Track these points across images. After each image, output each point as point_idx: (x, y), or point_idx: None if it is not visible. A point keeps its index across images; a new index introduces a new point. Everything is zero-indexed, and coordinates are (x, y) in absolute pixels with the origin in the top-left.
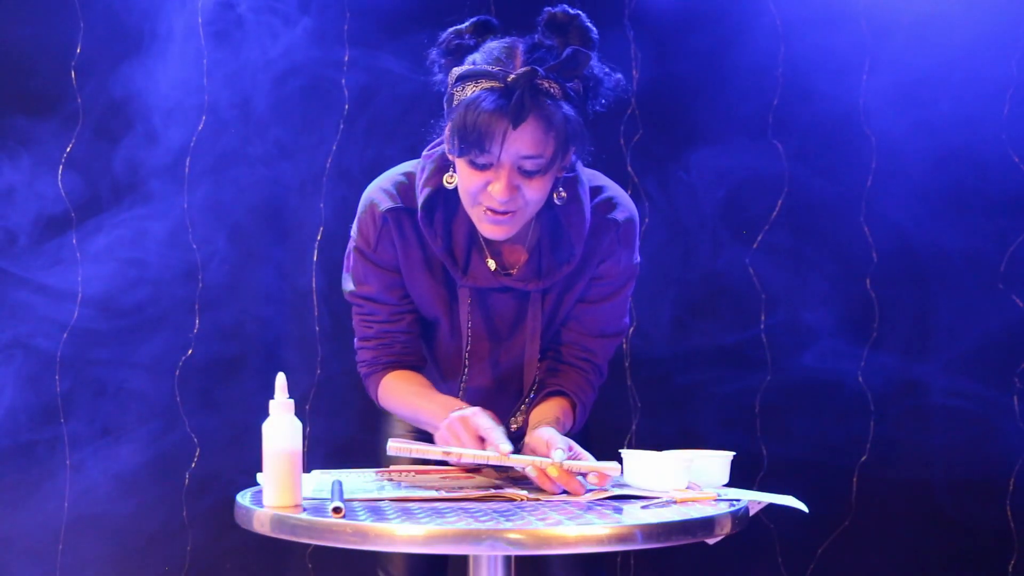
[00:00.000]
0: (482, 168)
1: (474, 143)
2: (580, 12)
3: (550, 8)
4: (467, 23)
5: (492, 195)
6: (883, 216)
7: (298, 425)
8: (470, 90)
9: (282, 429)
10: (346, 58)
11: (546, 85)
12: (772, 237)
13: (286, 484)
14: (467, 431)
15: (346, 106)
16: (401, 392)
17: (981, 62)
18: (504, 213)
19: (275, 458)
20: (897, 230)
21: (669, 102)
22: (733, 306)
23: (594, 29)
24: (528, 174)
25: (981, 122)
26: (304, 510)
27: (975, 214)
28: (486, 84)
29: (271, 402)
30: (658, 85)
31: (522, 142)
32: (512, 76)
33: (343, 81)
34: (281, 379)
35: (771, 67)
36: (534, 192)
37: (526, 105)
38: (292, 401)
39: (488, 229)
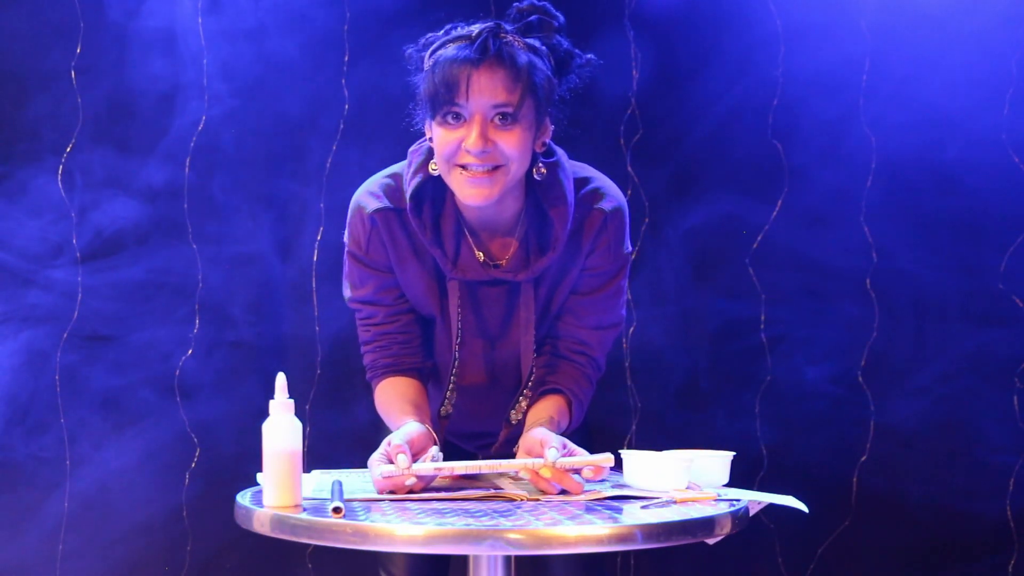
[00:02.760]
0: (455, 125)
1: (443, 96)
2: (546, 3)
3: (518, 3)
4: (442, 29)
5: (467, 149)
6: (883, 216)
7: (298, 425)
8: (438, 54)
9: (282, 429)
10: (346, 58)
11: (510, 38)
12: (772, 237)
13: (286, 484)
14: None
15: (346, 106)
16: (381, 404)
17: (981, 63)
18: (483, 173)
19: (275, 458)
20: (897, 230)
21: (669, 102)
22: (733, 306)
23: (560, 16)
24: (501, 125)
25: (981, 123)
26: (304, 510)
27: (975, 214)
28: (453, 45)
29: (271, 402)
30: (658, 85)
31: (490, 89)
32: (477, 30)
33: (343, 81)
34: (281, 379)
35: (771, 67)
36: (509, 145)
37: (489, 47)
38: (292, 401)
39: (468, 193)
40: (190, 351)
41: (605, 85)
